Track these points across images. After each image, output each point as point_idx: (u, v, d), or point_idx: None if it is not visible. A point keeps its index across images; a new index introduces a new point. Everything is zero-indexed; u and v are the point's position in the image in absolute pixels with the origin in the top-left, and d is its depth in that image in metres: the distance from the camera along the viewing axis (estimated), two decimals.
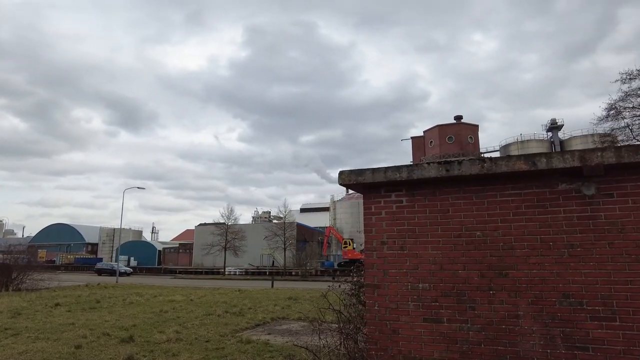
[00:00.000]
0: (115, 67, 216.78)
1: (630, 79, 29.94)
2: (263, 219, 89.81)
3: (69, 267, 66.90)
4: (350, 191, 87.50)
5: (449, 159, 4.45)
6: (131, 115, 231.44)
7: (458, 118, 73.78)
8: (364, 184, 4.64)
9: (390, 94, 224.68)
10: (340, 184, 4.74)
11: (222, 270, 55.03)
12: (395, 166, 4.53)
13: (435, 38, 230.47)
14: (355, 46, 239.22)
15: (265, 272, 55.96)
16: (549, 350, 3.87)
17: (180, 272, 58.82)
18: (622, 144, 27.79)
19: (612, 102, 31.57)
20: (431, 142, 72.57)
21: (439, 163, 4.36)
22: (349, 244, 63.94)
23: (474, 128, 73.52)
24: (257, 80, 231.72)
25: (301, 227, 68.40)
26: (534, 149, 65.39)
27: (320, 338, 8.91)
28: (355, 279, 6.96)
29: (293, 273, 50.83)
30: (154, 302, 18.04)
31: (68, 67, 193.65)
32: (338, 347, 6.63)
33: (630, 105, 30.58)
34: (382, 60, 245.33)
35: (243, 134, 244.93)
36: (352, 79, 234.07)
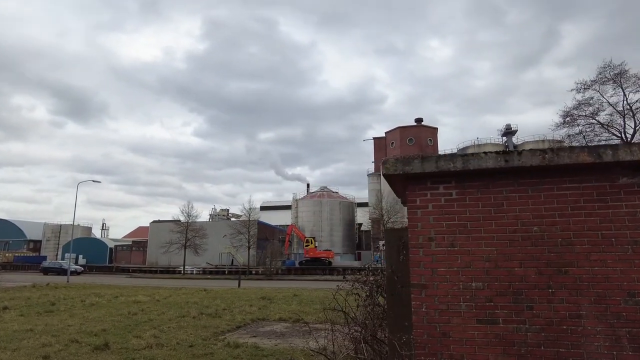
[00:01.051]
0: (63, 54, 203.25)
1: (584, 88, 31.86)
2: (221, 217, 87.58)
3: (8, 267, 61.63)
4: (313, 189, 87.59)
5: (507, 150, 4.19)
6: (79, 106, 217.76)
7: (418, 121, 75.66)
8: (410, 174, 4.27)
9: (349, 95, 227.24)
10: (384, 174, 4.33)
11: (180, 269, 52.94)
12: (448, 155, 4.21)
13: (394, 42, 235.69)
14: (315, 45, 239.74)
15: (225, 271, 54.48)
16: (614, 352, 3.69)
17: (134, 271, 55.93)
18: None
19: (567, 109, 33.50)
20: (392, 143, 73.86)
21: (497, 153, 4.08)
22: (311, 243, 63.75)
23: (433, 131, 75.70)
24: (214, 75, 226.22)
25: (262, 225, 67.27)
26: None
27: (317, 341, 8.48)
28: (372, 278, 6.60)
29: (254, 272, 49.79)
30: (117, 303, 16.76)
31: (8, 51, 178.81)
32: (353, 354, 6.22)
33: (584, 113, 32.52)
34: (342, 61, 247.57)
35: (199, 129, 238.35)
36: (312, 78, 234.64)
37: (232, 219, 75.27)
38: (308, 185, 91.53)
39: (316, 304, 16.53)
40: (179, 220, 55.04)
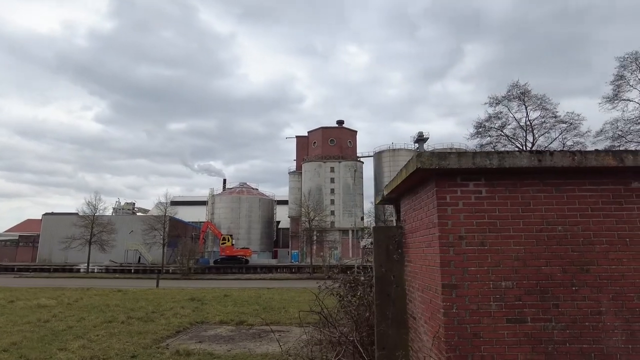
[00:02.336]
0: None
1: (496, 103, 35.30)
2: (126, 211, 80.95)
3: None
4: (231, 185, 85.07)
5: (540, 150, 4.22)
6: None
7: (340, 123, 77.68)
8: (443, 169, 4.10)
9: (268, 92, 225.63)
10: (419, 167, 4.09)
11: (79, 267, 47.54)
12: (484, 152, 4.12)
13: (315, 43, 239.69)
14: (236, 37, 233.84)
15: (131, 270, 50.32)
16: (630, 346, 3.90)
17: (21, 270, 48.87)
18: None
19: (480, 121, 36.84)
20: (314, 142, 74.82)
21: (530, 152, 4.08)
22: (228, 240, 61.74)
23: (353, 133, 78.33)
24: (121, 57, 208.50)
25: (174, 222, 63.37)
26: (404, 158, 72.75)
27: (280, 344, 8.08)
28: (362, 278, 6.34)
29: (171, 270, 46.67)
30: (16, 309, 14.29)
31: None
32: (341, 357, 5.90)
33: (494, 126, 36.03)
34: (263, 56, 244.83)
35: (101, 114, 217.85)
36: (231, 70, 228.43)
37: (139, 214, 69.74)
38: (225, 180, 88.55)
39: (252, 304, 15.88)
40: (74, 214, 49.25)
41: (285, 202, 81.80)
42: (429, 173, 4.26)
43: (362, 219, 70.05)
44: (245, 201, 73.11)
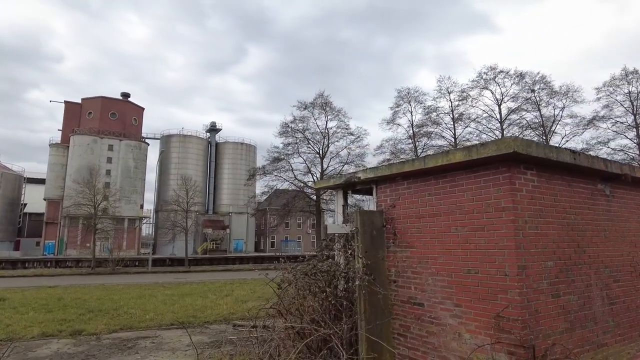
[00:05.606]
0: None
1: (305, 108, 38.30)
2: None
3: None
4: None
5: (573, 149, 4.99)
6: None
7: (125, 95, 68.17)
8: (524, 156, 4.29)
9: (9, 38, 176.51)
10: (515, 151, 4.08)
11: None
12: (549, 145, 4.53)
13: None
14: None
15: None
16: (603, 309, 5.05)
17: None
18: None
19: (287, 122, 39.22)
20: (90, 113, 62.98)
21: (571, 151, 4.74)
22: None
23: (140, 110, 70.09)
24: None
25: None
26: (195, 145, 69.91)
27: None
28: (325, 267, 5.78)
29: None
30: None
31: None
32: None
33: (299, 128, 38.87)
34: None
35: None
36: None
37: None
38: None
39: (55, 311, 12.17)
40: None
41: (37, 182, 65.65)
42: (502, 157, 4.36)
43: (142, 207, 63.40)
44: None
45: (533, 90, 35.94)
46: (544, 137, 35.45)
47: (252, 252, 66.43)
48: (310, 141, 39.29)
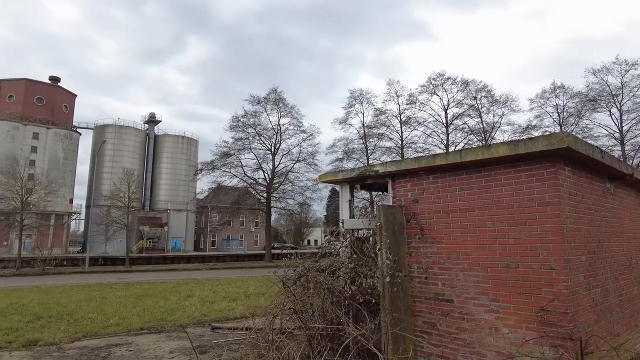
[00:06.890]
0: None
1: (257, 102, 37.41)
2: None
3: None
4: None
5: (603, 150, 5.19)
6: None
7: (55, 80, 62.12)
8: (577, 153, 4.37)
9: None
10: (569, 146, 4.13)
11: None
12: (596, 146, 4.65)
13: None
14: None
15: None
16: (616, 300, 5.34)
17: None
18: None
19: (238, 116, 38.12)
20: (12, 96, 56.55)
21: (600, 150, 4.93)
22: None
23: (72, 97, 64.29)
24: None
25: None
26: (132, 137, 65.58)
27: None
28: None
29: None
30: None
31: None
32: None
33: (250, 123, 37.94)
34: None
35: None
36: None
37: None
38: None
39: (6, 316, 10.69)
40: None
41: None
42: (551, 152, 4.40)
43: (72, 201, 58.26)
44: None
45: (476, 98, 38.20)
46: (485, 142, 37.80)
47: (192, 251, 63.42)
48: (261, 137, 38.51)
